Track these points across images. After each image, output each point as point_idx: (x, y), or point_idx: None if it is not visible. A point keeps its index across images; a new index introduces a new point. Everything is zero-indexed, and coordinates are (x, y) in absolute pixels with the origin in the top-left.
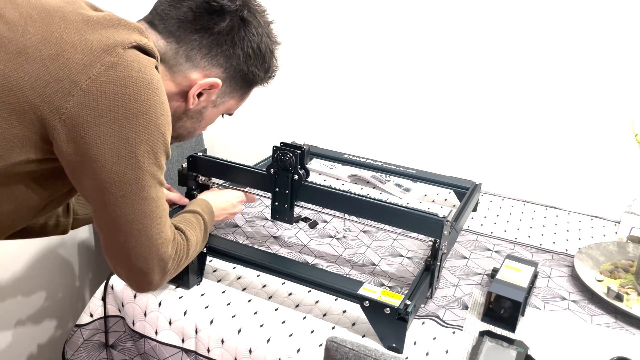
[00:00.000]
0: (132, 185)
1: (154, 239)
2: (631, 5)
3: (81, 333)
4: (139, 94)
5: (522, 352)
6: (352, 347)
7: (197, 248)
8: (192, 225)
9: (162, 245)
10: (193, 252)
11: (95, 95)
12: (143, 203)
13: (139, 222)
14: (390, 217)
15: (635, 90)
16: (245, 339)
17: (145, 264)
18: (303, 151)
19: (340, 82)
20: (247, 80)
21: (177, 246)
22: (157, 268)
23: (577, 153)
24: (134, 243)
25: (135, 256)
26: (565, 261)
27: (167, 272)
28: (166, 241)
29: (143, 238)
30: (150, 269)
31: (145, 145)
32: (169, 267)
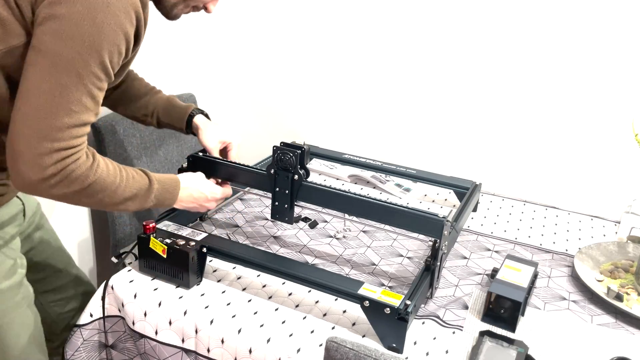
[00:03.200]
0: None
1: (42, 121)
2: (631, 5)
3: (81, 333)
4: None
5: (522, 352)
6: (352, 347)
7: (113, 194)
8: (124, 173)
9: (48, 133)
10: (102, 188)
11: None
12: (48, 77)
13: (36, 93)
14: (390, 217)
15: (635, 90)
16: (245, 339)
17: (23, 146)
18: (303, 151)
19: (340, 82)
20: None
21: (70, 154)
22: (32, 156)
23: (577, 153)
24: (23, 117)
25: (19, 134)
26: (565, 261)
27: (45, 171)
28: (53, 134)
29: (34, 114)
30: (25, 154)
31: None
32: (48, 165)
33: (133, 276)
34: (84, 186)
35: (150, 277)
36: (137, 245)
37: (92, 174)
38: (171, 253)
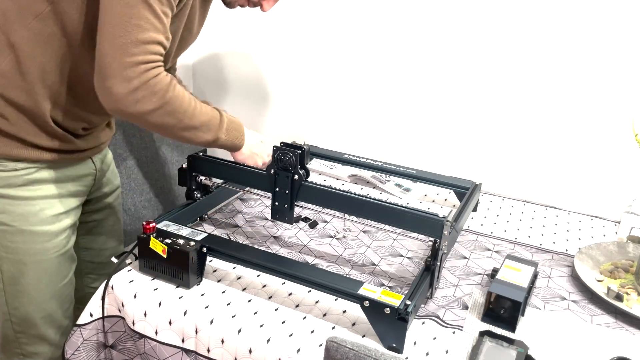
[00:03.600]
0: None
1: (119, 38)
2: (631, 5)
3: (81, 333)
4: None
5: (522, 352)
6: (352, 347)
7: (192, 115)
8: (195, 99)
9: (127, 49)
10: (180, 105)
11: None
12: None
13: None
14: (390, 217)
15: (635, 90)
16: (245, 339)
17: (103, 58)
18: (303, 151)
19: (341, 82)
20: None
21: (151, 68)
22: (118, 71)
23: (577, 153)
24: (104, 38)
25: (103, 53)
26: (565, 261)
27: (131, 83)
28: (131, 49)
29: (112, 33)
30: (111, 71)
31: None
32: (132, 77)
33: (133, 276)
34: (165, 100)
35: (150, 277)
36: (137, 245)
37: (171, 88)
38: (171, 253)
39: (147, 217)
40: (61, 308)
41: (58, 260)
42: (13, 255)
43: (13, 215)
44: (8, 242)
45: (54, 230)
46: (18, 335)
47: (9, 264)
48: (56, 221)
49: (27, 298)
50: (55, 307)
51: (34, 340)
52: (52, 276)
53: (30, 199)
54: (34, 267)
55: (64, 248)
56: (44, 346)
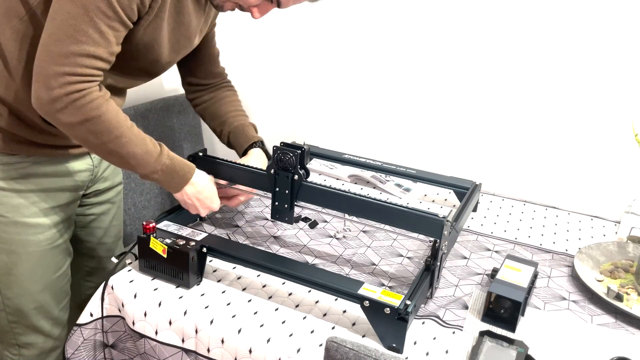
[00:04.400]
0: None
1: (52, 46)
2: (631, 5)
3: (81, 332)
4: None
5: (522, 352)
6: (352, 347)
7: (117, 140)
8: (135, 128)
9: (56, 58)
10: (106, 128)
11: None
12: (59, 9)
13: (51, 24)
14: (390, 217)
15: (635, 90)
16: (245, 339)
17: (38, 68)
18: (303, 151)
19: (341, 82)
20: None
21: (76, 81)
22: (43, 77)
23: (577, 153)
24: (41, 44)
25: (37, 57)
26: (565, 261)
27: (52, 92)
28: (60, 59)
29: (47, 40)
30: (38, 75)
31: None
32: (54, 87)
33: (133, 276)
34: (87, 117)
35: (150, 277)
36: (137, 245)
37: (97, 107)
38: (171, 253)
39: (147, 217)
40: (55, 300)
41: (51, 252)
42: (7, 246)
43: (7, 206)
44: (2, 233)
45: (48, 222)
46: (12, 325)
47: (3, 254)
48: (50, 214)
49: (20, 288)
50: (49, 299)
51: (27, 331)
52: (45, 268)
53: (24, 192)
54: (27, 258)
55: (58, 240)
56: (38, 337)
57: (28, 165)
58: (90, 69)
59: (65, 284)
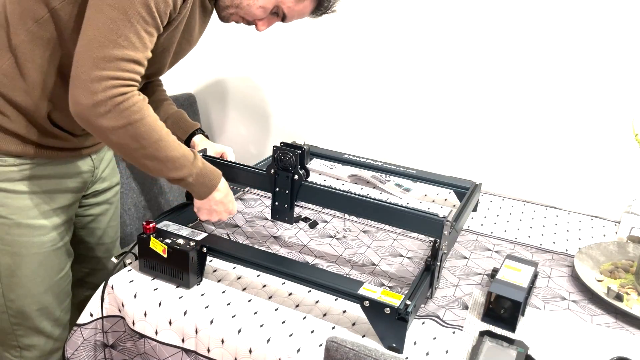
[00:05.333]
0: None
1: (94, 51)
2: (631, 5)
3: (81, 332)
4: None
5: (522, 352)
6: (352, 347)
7: (156, 144)
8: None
9: (99, 62)
10: (147, 132)
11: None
12: (99, 14)
13: (91, 27)
14: (390, 217)
15: (635, 90)
16: (245, 339)
17: (78, 72)
18: (303, 151)
19: (341, 82)
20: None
21: (119, 84)
22: (85, 82)
23: (577, 153)
24: (80, 47)
25: (76, 62)
26: (565, 261)
27: (95, 96)
28: (103, 63)
29: (88, 45)
30: (79, 80)
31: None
32: (98, 91)
33: (133, 276)
34: (130, 121)
35: (150, 277)
36: (137, 245)
37: (139, 111)
38: (171, 253)
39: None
40: (57, 301)
41: (54, 253)
42: (10, 248)
43: (11, 208)
44: (5, 235)
45: (51, 224)
46: (14, 327)
47: (6, 256)
48: (53, 215)
49: (23, 290)
50: (51, 300)
51: (29, 333)
52: (48, 269)
53: (28, 193)
54: (30, 260)
55: (60, 242)
56: (40, 338)
57: (32, 167)
58: (132, 73)
59: (66, 285)
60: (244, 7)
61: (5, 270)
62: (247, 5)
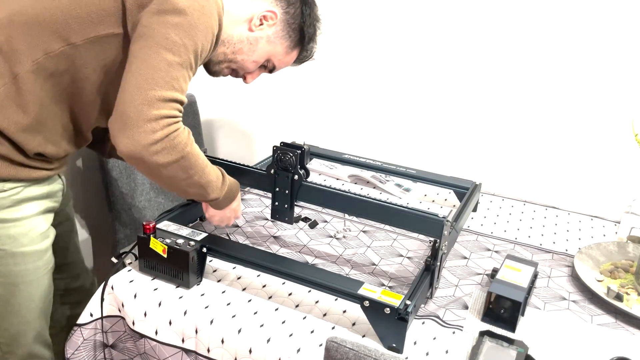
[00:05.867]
0: (156, 38)
1: (151, 91)
2: (631, 5)
3: (81, 332)
4: None
5: (522, 352)
6: (352, 347)
7: (202, 172)
8: (207, 160)
9: (156, 102)
10: (195, 162)
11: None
12: (155, 55)
13: (145, 67)
14: (390, 217)
15: (635, 90)
16: (245, 339)
17: (128, 106)
18: (303, 151)
19: (340, 82)
20: (298, 33)
21: (173, 122)
22: (143, 122)
23: (577, 153)
24: (134, 87)
25: (128, 101)
26: (565, 261)
27: (154, 135)
28: (160, 103)
29: (144, 84)
30: (136, 120)
31: (183, 29)
32: (156, 130)
33: (133, 276)
34: (183, 154)
35: (150, 277)
36: (137, 245)
37: (189, 143)
38: (171, 253)
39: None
40: (47, 324)
41: (46, 277)
42: (4, 279)
43: (3, 238)
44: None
45: (43, 248)
46: (6, 355)
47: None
48: (44, 238)
49: (18, 319)
50: (44, 324)
51: (22, 358)
52: (42, 294)
53: (19, 220)
54: (25, 288)
55: (50, 264)
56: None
57: (20, 191)
58: (179, 112)
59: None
60: (238, 62)
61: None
62: (242, 60)
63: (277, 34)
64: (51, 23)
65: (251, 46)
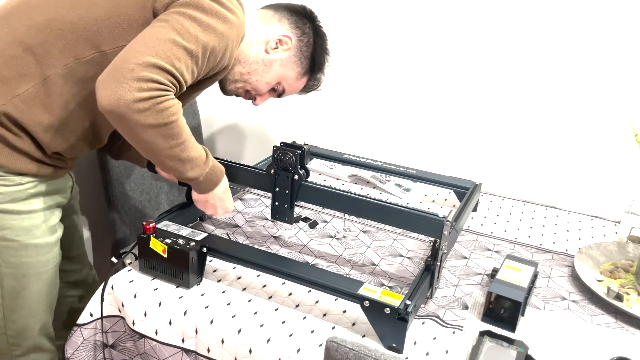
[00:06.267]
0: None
1: (159, 47)
2: (631, 5)
3: (81, 332)
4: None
5: (522, 352)
6: (352, 347)
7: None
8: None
9: (156, 62)
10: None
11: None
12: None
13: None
14: (390, 217)
15: (635, 90)
16: (245, 339)
17: (121, 62)
18: (303, 151)
19: (340, 83)
20: (310, 61)
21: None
22: (134, 79)
23: (577, 153)
24: (135, 47)
25: (125, 58)
26: (565, 261)
27: (141, 93)
28: (154, 64)
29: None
30: (129, 74)
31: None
32: (144, 89)
33: (133, 276)
34: (167, 121)
35: (150, 277)
36: (137, 245)
37: (177, 113)
38: (171, 253)
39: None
40: (52, 317)
41: (55, 270)
42: (16, 270)
43: (17, 230)
44: (11, 257)
45: (53, 241)
46: (11, 347)
47: (11, 278)
48: (54, 232)
49: (26, 311)
50: (49, 317)
51: (27, 351)
52: (50, 287)
53: (33, 212)
54: (36, 280)
55: (57, 259)
56: (36, 355)
57: (36, 185)
58: (174, 85)
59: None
60: (252, 82)
61: (9, 294)
62: (256, 80)
63: (290, 59)
64: (84, 31)
65: (265, 68)
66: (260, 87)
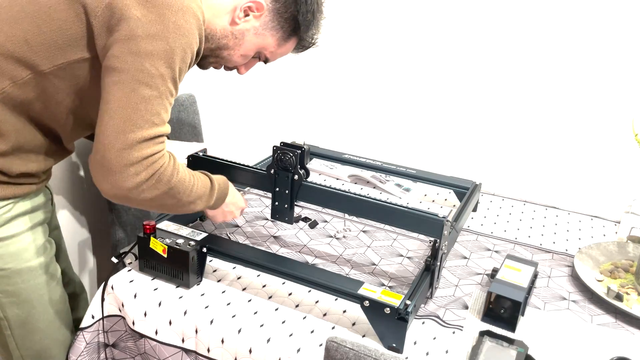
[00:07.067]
0: (130, 72)
1: (131, 134)
2: (631, 5)
3: (83, 336)
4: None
5: (522, 352)
6: (352, 347)
7: (190, 192)
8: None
9: (137, 144)
10: (183, 188)
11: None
12: (131, 93)
13: (122, 107)
14: (390, 217)
15: (635, 90)
16: (245, 339)
17: (108, 151)
18: (303, 151)
19: (340, 82)
20: (292, 23)
21: (157, 159)
22: (125, 167)
23: (577, 153)
24: (112, 130)
25: (108, 146)
26: (565, 261)
27: (138, 177)
28: (141, 144)
29: (123, 127)
30: (117, 165)
31: (161, 50)
32: (140, 172)
33: (133, 276)
34: (170, 186)
35: (150, 277)
36: (137, 245)
37: (175, 173)
38: (171, 253)
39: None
40: (70, 330)
41: (56, 286)
42: (16, 298)
43: (5, 257)
44: (7, 287)
45: (46, 260)
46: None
47: (14, 307)
48: (46, 249)
49: (39, 334)
50: (66, 332)
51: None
52: (57, 305)
53: (16, 236)
54: (40, 303)
55: (57, 274)
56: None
57: (12, 207)
58: (162, 138)
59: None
60: (224, 57)
61: (16, 323)
62: (228, 55)
63: (265, 25)
64: (15, 52)
65: (237, 40)
66: (235, 60)
